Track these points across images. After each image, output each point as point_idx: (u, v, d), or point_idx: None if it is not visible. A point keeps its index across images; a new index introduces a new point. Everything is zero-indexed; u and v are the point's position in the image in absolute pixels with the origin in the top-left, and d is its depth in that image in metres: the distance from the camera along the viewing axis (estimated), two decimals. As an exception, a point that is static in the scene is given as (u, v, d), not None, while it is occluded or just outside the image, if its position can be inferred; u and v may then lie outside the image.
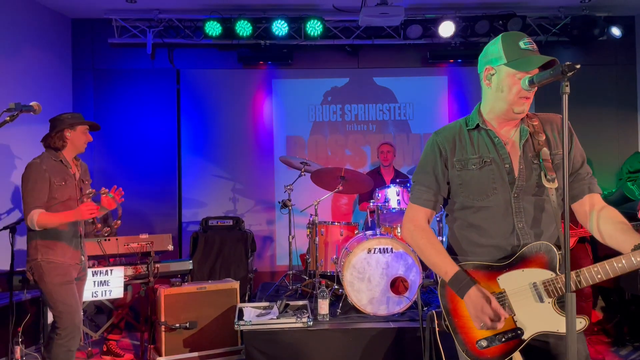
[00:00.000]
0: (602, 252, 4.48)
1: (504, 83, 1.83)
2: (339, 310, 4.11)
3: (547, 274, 1.76)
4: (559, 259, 1.75)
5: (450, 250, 2.01)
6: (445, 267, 1.87)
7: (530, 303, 1.77)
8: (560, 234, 1.81)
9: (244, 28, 6.00)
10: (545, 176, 1.82)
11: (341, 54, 6.60)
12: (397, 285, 4.09)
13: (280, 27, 6.02)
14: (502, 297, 1.82)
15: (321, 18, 6.05)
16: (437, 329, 3.30)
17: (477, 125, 1.95)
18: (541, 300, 1.76)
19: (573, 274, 1.70)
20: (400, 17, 5.65)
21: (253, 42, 6.26)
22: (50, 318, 4.20)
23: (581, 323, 1.73)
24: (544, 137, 1.88)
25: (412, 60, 6.66)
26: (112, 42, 6.20)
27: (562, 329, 1.67)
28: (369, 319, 3.99)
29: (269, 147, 6.59)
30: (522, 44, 1.82)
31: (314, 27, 6.06)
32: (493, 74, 1.87)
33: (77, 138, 3.43)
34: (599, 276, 1.67)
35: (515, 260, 1.82)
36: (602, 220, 1.86)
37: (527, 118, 1.94)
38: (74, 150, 3.46)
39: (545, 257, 1.78)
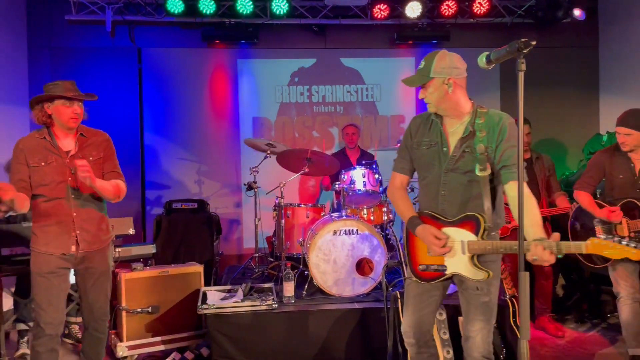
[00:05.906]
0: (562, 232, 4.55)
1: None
2: (304, 292, 4.10)
3: (472, 237, 2.34)
4: (482, 229, 2.31)
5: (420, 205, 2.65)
6: (406, 214, 2.56)
7: (457, 253, 2.39)
8: (488, 208, 2.31)
9: (207, 6, 5.85)
10: (479, 166, 2.30)
11: (308, 34, 6.51)
12: (362, 266, 4.09)
13: (245, 5, 5.88)
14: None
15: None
16: (400, 307, 3.34)
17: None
18: (463, 253, 2.37)
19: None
20: (367, -3, 5.60)
21: (217, 21, 6.10)
22: (7, 305, 4.06)
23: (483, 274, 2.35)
24: (484, 134, 2.33)
25: (379, 41, 6.61)
26: (69, 19, 5.95)
27: (471, 276, 2.37)
28: (334, 300, 3.99)
29: (235, 129, 6.48)
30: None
31: (279, 6, 5.94)
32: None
33: (58, 113, 2.94)
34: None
35: (457, 221, 2.41)
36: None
37: (477, 114, 2.37)
38: (62, 127, 3.00)
39: (474, 224, 2.35)
